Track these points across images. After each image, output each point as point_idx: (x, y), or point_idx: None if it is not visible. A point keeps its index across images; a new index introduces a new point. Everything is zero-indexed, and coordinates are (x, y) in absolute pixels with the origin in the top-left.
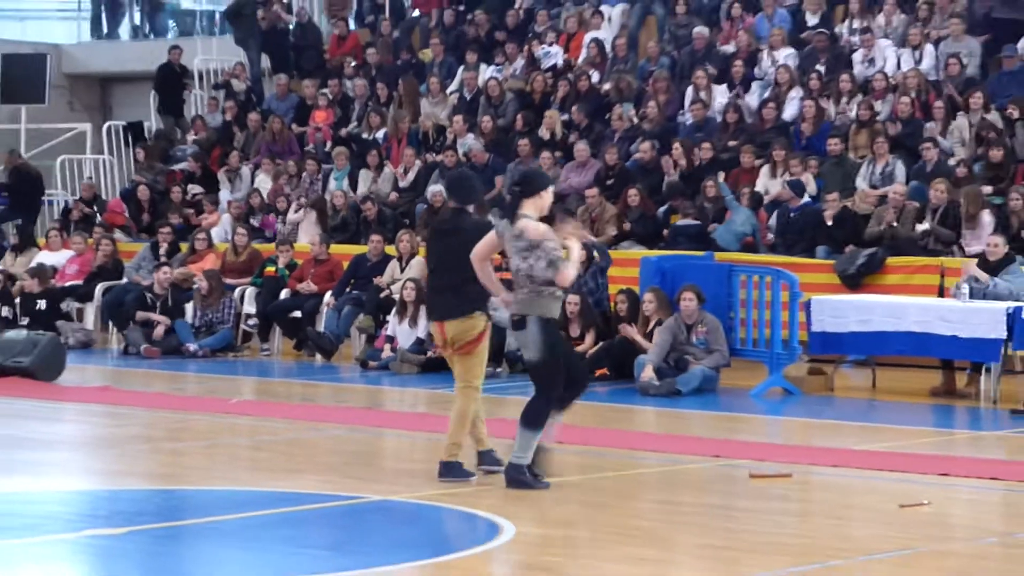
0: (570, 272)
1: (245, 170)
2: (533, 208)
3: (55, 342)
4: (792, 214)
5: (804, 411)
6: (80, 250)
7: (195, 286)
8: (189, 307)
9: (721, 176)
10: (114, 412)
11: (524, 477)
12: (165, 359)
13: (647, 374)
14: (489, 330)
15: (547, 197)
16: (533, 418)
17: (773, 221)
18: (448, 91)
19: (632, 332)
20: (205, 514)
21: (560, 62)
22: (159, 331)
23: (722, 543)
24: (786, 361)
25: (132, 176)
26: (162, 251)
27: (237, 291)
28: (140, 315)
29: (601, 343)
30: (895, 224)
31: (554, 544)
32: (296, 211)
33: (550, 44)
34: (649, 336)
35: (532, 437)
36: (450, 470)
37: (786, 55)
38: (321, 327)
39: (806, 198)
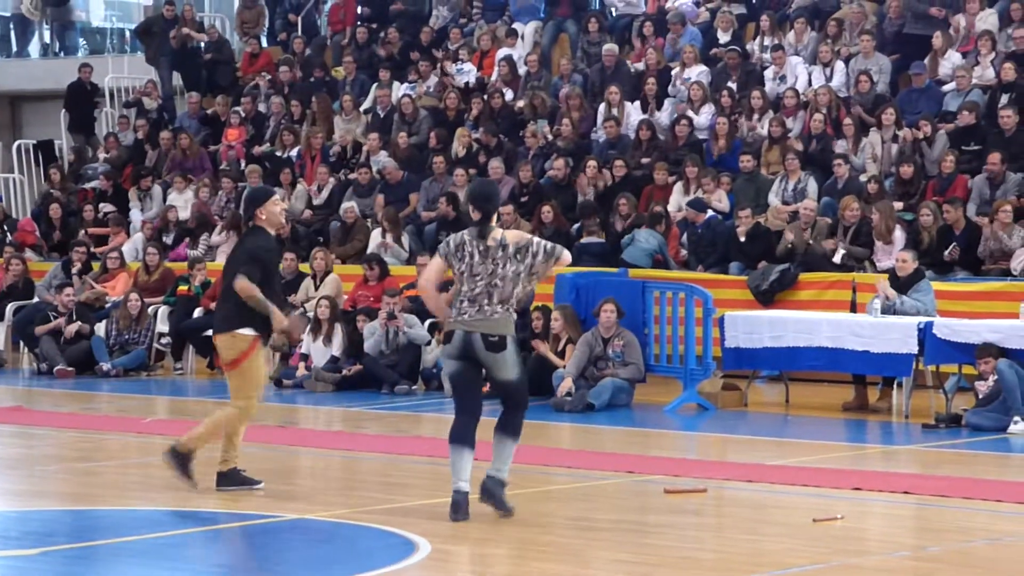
0: (567, 254)
1: (156, 189)
2: (494, 221)
3: None
4: (699, 230)
5: (718, 426)
6: None
7: (108, 306)
8: (101, 327)
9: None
10: (25, 432)
11: (503, 493)
12: (78, 379)
13: (566, 386)
14: (257, 347)
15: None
16: (518, 430)
17: (686, 238)
18: (361, 108)
19: (544, 348)
20: (118, 534)
21: (473, 80)
22: (70, 329)
23: (636, 558)
24: (700, 377)
25: (42, 194)
26: (75, 269)
27: (150, 310)
28: (39, 328)
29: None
30: (809, 242)
31: (469, 561)
32: (219, 233)
33: (463, 62)
34: (560, 354)
35: (513, 449)
36: (230, 480)
37: (698, 72)
38: None
39: (710, 214)
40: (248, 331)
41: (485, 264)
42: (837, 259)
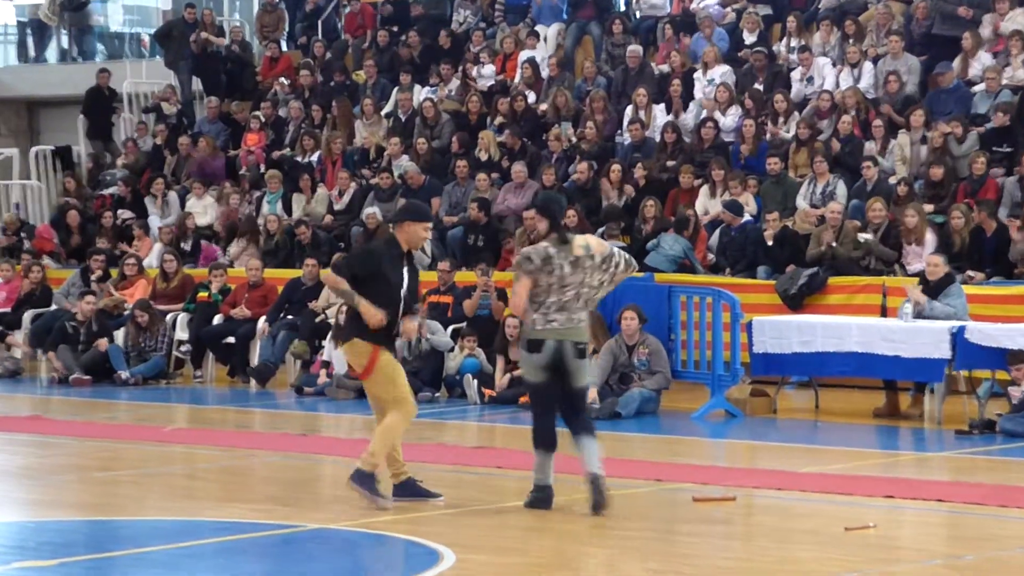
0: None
1: (173, 195)
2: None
3: None
4: (733, 233)
5: (747, 433)
6: (8, 276)
7: (126, 313)
8: (119, 334)
9: None
10: (43, 442)
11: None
12: (96, 387)
13: (589, 396)
14: (380, 352)
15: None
16: (593, 427)
17: (713, 241)
18: (382, 112)
19: None
20: (137, 545)
21: (495, 83)
22: (102, 343)
23: (665, 567)
24: (728, 383)
25: (60, 201)
26: (94, 277)
27: (169, 317)
28: (51, 355)
29: None
30: (834, 244)
31: (495, 571)
32: (236, 243)
33: (485, 64)
34: None
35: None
36: (362, 481)
37: (722, 73)
38: (255, 353)
39: (746, 217)
40: (361, 341)
41: (575, 274)
42: (861, 238)
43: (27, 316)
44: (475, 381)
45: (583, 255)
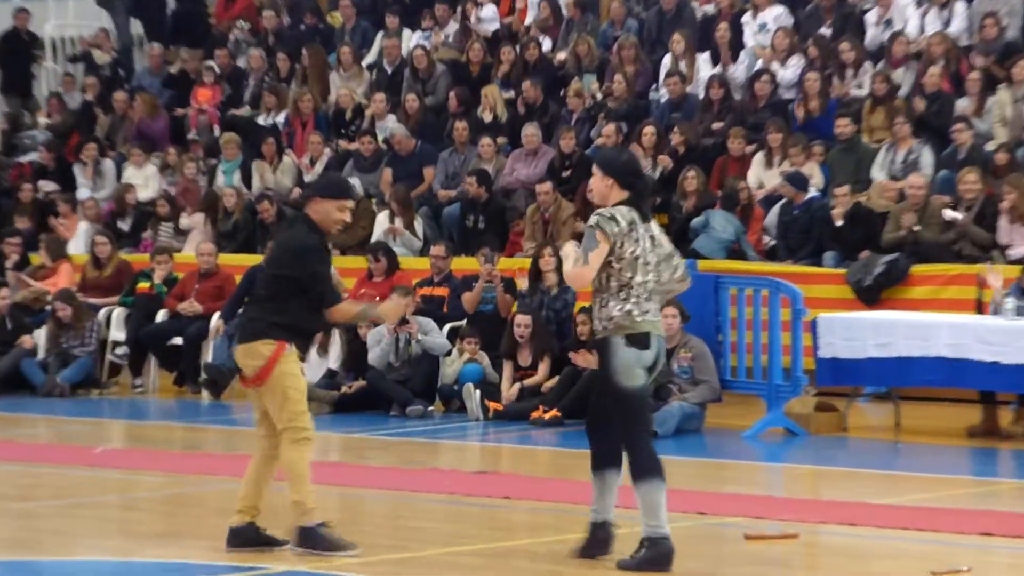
0: None
1: (108, 163)
2: None
3: None
4: (795, 212)
5: (811, 456)
6: None
7: (49, 308)
8: (41, 333)
9: None
10: None
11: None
12: (11, 398)
13: None
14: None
15: None
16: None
17: (770, 221)
18: (364, 63)
19: (585, 359)
20: None
21: (501, 27)
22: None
23: None
24: (788, 394)
25: None
26: (9, 264)
27: (102, 313)
28: None
29: (559, 374)
30: (918, 225)
31: None
32: (189, 215)
33: (486, 6)
34: None
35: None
36: (309, 539)
37: (776, 16)
38: (208, 357)
39: (811, 192)
40: (269, 341)
41: (653, 253)
42: (949, 216)
43: None
44: (477, 392)
45: (658, 234)
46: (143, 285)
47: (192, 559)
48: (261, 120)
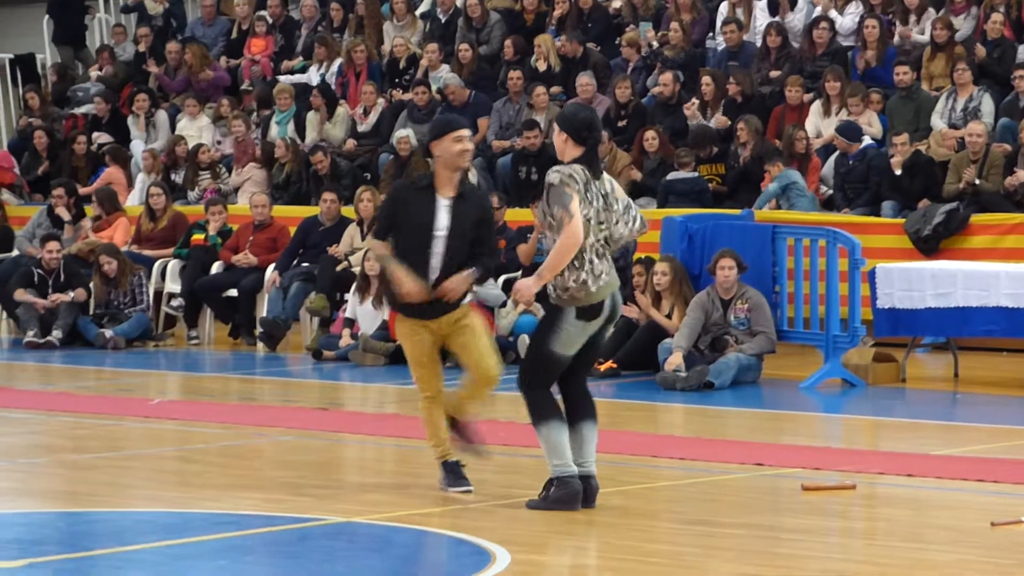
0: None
1: (162, 114)
2: None
3: None
4: (851, 162)
5: (869, 407)
6: None
7: (96, 264)
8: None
9: None
10: (5, 417)
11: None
12: (68, 351)
13: (674, 361)
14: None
15: None
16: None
17: (828, 171)
18: (417, 12)
19: (641, 307)
20: (120, 542)
21: None
22: (55, 299)
23: (767, 571)
24: (845, 345)
25: (22, 122)
26: (66, 217)
27: (157, 265)
28: (19, 295)
29: (616, 328)
30: (979, 176)
31: (558, 575)
32: (242, 166)
33: None
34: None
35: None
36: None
37: None
38: (263, 309)
39: (867, 141)
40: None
41: (606, 213)
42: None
43: None
44: None
45: (610, 192)
46: (197, 237)
47: (248, 511)
48: (315, 70)
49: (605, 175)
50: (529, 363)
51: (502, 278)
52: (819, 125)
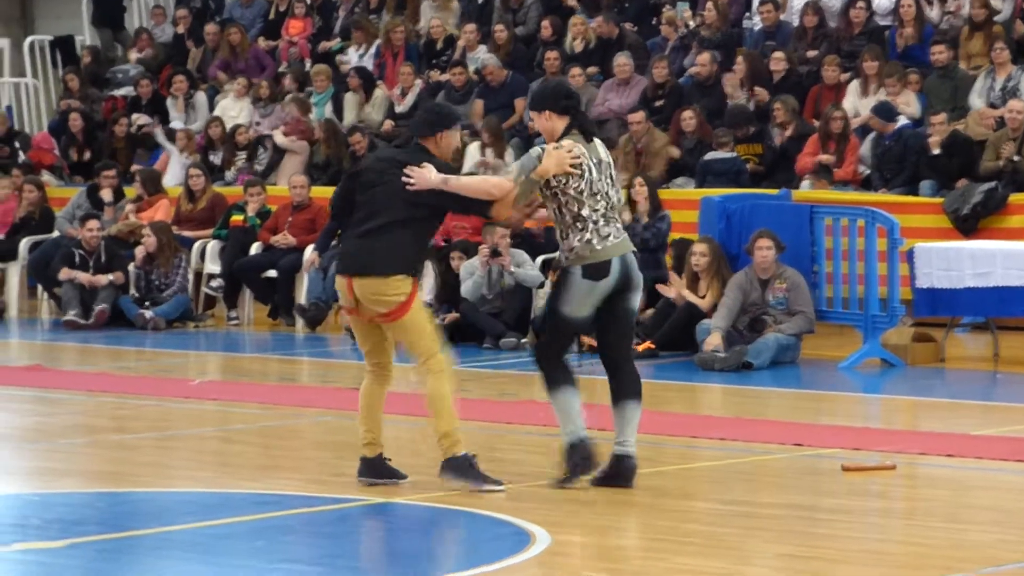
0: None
1: (201, 95)
2: None
3: None
4: (887, 142)
5: (908, 387)
6: (1, 197)
7: (143, 241)
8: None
9: None
10: (46, 397)
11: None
12: (109, 332)
13: (713, 342)
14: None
15: None
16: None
17: (865, 150)
18: None
19: (675, 288)
20: (161, 522)
21: None
22: (97, 280)
23: (807, 552)
24: (885, 325)
25: (61, 103)
26: (107, 198)
27: (196, 246)
28: (65, 272)
29: (654, 307)
30: (1016, 157)
31: (598, 555)
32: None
33: None
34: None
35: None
36: (459, 468)
37: None
38: (302, 289)
39: (902, 121)
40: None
41: (601, 181)
42: None
43: (23, 244)
44: None
45: (603, 159)
46: (236, 218)
47: (288, 491)
48: (353, 51)
49: (596, 140)
50: (548, 331)
51: (539, 259)
52: (857, 105)
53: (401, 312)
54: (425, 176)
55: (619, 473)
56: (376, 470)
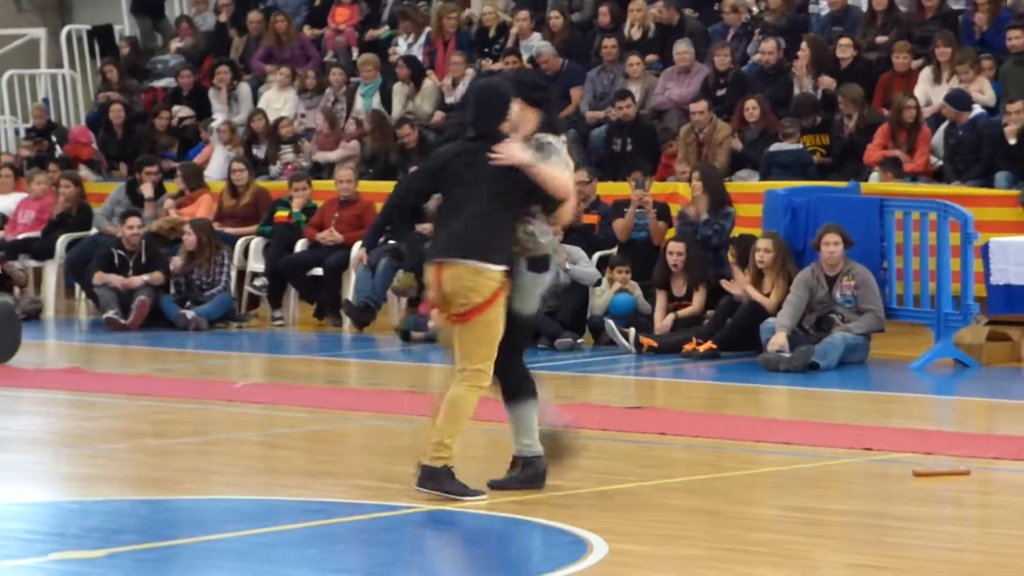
0: None
1: (244, 87)
2: None
3: (7, 311)
4: (961, 132)
5: (983, 388)
6: (38, 192)
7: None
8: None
9: None
10: (85, 401)
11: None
12: (149, 332)
13: (778, 341)
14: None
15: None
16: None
17: (937, 141)
18: None
19: (739, 284)
20: (203, 530)
21: None
22: (134, 281)
23: (874, 561)
24: (958, 323)
25: (100, 95)
26: (147, 193)
27: (239, 243)
28: (98, 278)
29: (717, 307)
30: None
31: (657, 566)
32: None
33: None
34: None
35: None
36: (434, 477)
37: None
38: (350, 288)
39: (977, 110)
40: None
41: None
42: None
43: (61, 242)
44: (631, 330)
45: (565, 151)
46: (281, 214)
47: (334, 498)
48: (402, 39)
49: (563, 137)
50: (508, 336)
51: (596, 255)
52: (929, 93)
53: (481, 309)
54: (512, 151)
55: (533, 477)
56: (441, 482)
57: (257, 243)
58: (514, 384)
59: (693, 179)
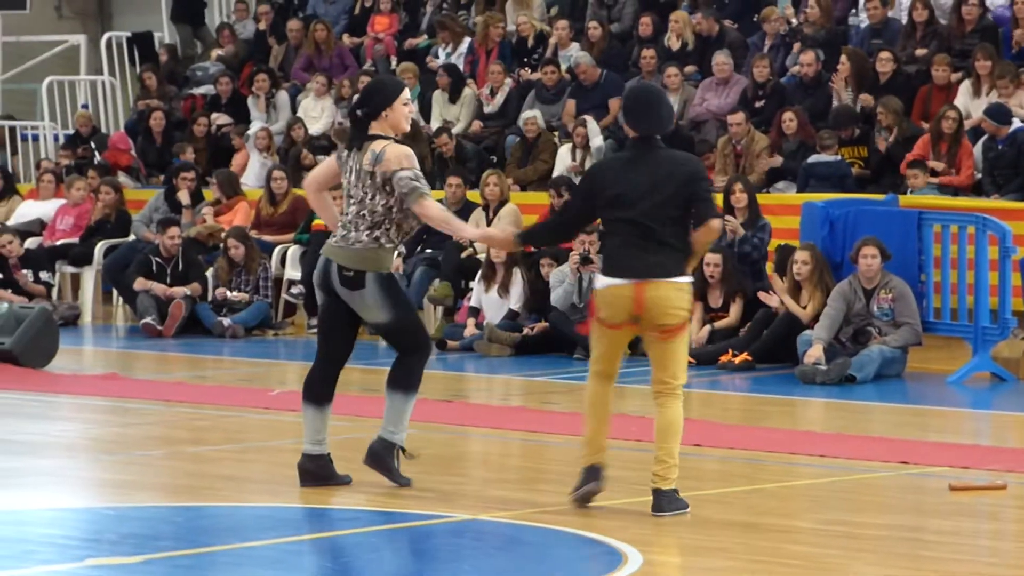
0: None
1: (283, 95)
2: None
3: (45, 317)
4: (1000, 146)
5: (1020, 402)
6: (77, 199)
7: (223, 247)
8: (211, 273)
9: None
10: (121, 407)
11: (393, 461)
12: (186, 339)
13: (814, 354)
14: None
15: (400, 111)
16: (407, 380)
17: (976, 154)
18: None
19: (776, 292)
20: (240, 537)
21: None
22: (174, 292)
23: (913, 575)
24: (995, 338)
25: (139, 103)
26: (184, 200)
27: (276, 251)
28: (139, 284)
29: (753, 319)
30: None
31: None
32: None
33: None
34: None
35: (407, 405)
36: (674, 501)
37: None
38: None
39: (1017, 124)
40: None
41: (359, 188)
42: None
43: (99, 248)
44: None
45: (364, 168)
46: (319, 222)
47: (370, 507)
48: (442, 48)
49: (378, 143)
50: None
51: None
52: (968, 106)
53: (684, 327)
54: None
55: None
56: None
57: (294, 251)
58: (403, 378)
59: (736, 190)
